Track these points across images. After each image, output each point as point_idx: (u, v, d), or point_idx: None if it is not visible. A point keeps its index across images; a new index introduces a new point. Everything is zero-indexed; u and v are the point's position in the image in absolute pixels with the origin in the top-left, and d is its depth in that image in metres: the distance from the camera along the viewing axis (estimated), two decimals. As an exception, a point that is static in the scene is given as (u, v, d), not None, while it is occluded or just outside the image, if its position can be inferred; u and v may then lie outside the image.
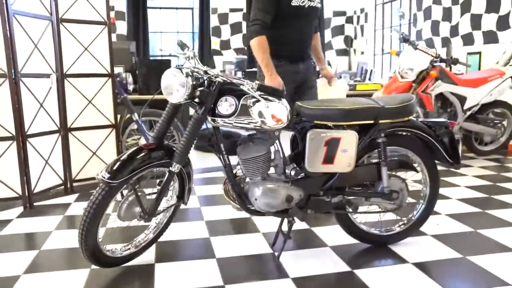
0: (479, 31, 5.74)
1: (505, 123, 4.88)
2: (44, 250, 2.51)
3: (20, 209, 3.23)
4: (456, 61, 4.49)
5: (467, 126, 4.68)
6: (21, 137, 3.18)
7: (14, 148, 3.17)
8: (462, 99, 4.54)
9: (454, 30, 6.24)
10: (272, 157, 2.25)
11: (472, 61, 5.80)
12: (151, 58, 8.88)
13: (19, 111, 3.15)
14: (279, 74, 2.78)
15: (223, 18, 9.19)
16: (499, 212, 3.03)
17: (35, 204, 3.32)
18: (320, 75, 3.36)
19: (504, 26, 5.36)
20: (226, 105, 2.09)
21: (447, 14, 6.39)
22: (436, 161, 2.49)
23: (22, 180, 3.22)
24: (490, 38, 5.57)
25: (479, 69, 5.64)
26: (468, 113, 4.66)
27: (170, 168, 2.11)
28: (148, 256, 2.38)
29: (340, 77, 6.90)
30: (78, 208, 3.24)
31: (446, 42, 6.26)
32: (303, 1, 2.79)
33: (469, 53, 5.88)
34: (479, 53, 5.73)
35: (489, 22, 5.57)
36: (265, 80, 2.77)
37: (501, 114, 4.88)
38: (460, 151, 3.87)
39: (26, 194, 3.24)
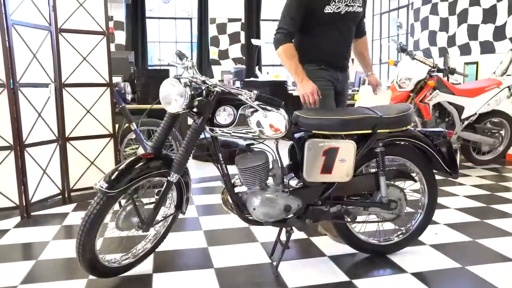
0: (476, 41, 5.78)
1: (502, 132, 4.89)
2: (41, 260, 2.50)
3: (17, 219, 3.21)
4: (453, 71, 4.51)
5: (465, 135, 4.70)
6: (19, 146, 3.17)
7: (12, 158, 3.16)
8: (459, 109, 4.56)
9: (451, 40, 6.28)
10: (270, 166, 2.25)
11: (469, 71, 5.83)
12: (149, 68, 8.91)
13: (17, 120, 3.15)
14: (321, 77, 2.68)
15: (222, 28, 9.23)
16: (497, 222, 3.03)
17: (32, 214, 3.31)
18: (366, 82, 3.26)
19: (500, 36, 5.39)
20: (224, 115, 2.09)
21: (444, 25, 6.43)
22: (434, 171, 2.49)
23: (19, 190, 3.20)
24: (487, 48, 5.61)
25: (476, 79, 5.67)
26: (466, 122, 4.67)
27: (168, 178, 2.11)
28: (146, 266, 2.37)
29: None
30: (75, 218, 3.23)
31: (443, 52, 6.29)
32: (339, 7, 2.62)
33: (466, 63, 5.91)
34: (476, 63, 5.76)
35: (486, 32, 5.61)
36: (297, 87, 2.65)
37: (498, 123, 4.90)
38: (458, 161, 3.87)
39: (24, 204, 3.23)
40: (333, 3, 2.60)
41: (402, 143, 2.42)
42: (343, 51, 2.80)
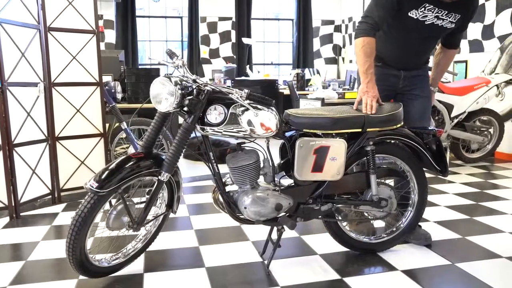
0: (465, 40, 5.82)
1: (491, 130, 4.94)
2: (30, 260, 2.48)
3: (6, 219, 3.19)
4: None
5: (454, 133, 4.74)
6: (7, 146, 3.14)
7: (0, 158, 3.13)
8: (449, 107, 4.60)
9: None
10: (262, 165, 2.25)
11: (458, 69, 5.88)
12: (140, 66, 8.86)
13: (6, 120, 3.12)
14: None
15: (212, 27, 9.21)
16: (486, 219, 3.06)
17: (21, 214, 3.28)
18: None
19: (489, 35, 5.44)
20: (215, 113, 2.09)
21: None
22: (424, 169, 2.51)
23: (8, 190, 3.17)
24: (476, 47, 5.66)
25: (466, 77, 5.72)
26: (455, 120, 4.71)
27: (159, 177, 2.10)
28: (137, 266, 2.36)
29: (329, 85, 6.94)
30: (65, 218, 3.21)
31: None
32: (425, 16, 2.36)
33: (455, 62, 5.96)
34: (466, 61, 5.80)
35: (475, 31, 5.66)
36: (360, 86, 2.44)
37: (487, 121, 4.94)
38: (447, 159, 3.90)
39: (13, 204, 3.20)
40: (422, 10, 2.36)
41: (392, 141, 2.44)
42: (407, 60, 2.58)
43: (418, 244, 2.63)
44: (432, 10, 2.36)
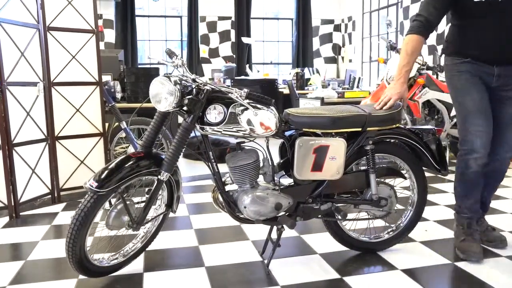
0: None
1: (490, 129, 4.93)
2: (30, 260, 2.48)
3: (6, 219, 3.18)
4: (442, 69, 4.54)
5: (454, 132, 4.73)
6: (7, 146, 3.14)
7: (0, 157, 3.13)
8: (449, 106, 4.60)
9: (440, 38, 6.32)
10: (261, 164, 2.25)
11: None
12: (139, 66, 8.85)
13: (5, 120, 3.11)
14: (464, 70, 2.35)
15: (212, 26, 9.21)
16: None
17: (21, 214, 3.28)
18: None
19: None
20: (214, 113, 2.09)
21: (433, 23, 6.46)
22: (424, 168, 2.51)
23: (8, 190, 3.17)
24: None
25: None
26: (455, 120, 4.71)
27: (159, 177, 2.10)
28: (137, 265, 2.36)
29: (329, 85, 6.94)
30: (65, 217, 3.21)
31: (432, 50, 6.34)
32: None
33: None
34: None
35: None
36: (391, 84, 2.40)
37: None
38: (447, 158, 3.90)
39: (12, 204, 3.20)
40: None
41: (392, 140, 2.44)
42: (500, 44, 2.29)
43: (493, 247, 2.53)
44: None
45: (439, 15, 2.32)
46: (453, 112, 4.63)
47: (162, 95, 2.03)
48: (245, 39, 8.68)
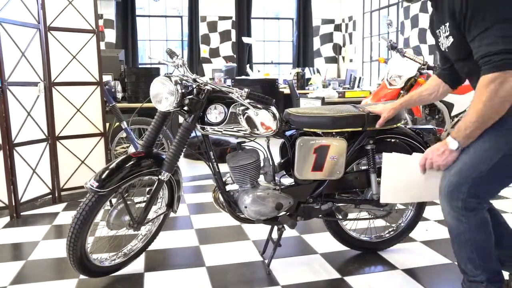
0: (465, 39, 5.80)
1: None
2: (31, 260, 2.48)
3: (7, 219, 3.19)
4: (443, 69, 4.54)
5: (454, 132, 4.73)
6: (7, 145, 3.14)
7: (0, 157, 3.13)
8: (449, 106, 4.59)
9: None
10: (262, 164, 2.25)
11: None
12: (140, 66, 8.86)
13: (6, 119, 3.12)
14: None
15: (212, 26, 9.22)
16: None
17: (22, 214, 3.28)
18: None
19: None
20: (215, 113, 2.09)
21: (433, 22, 6.45)
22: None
23: (8, 190, 3.17)
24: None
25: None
26: (456, 119, 4.70)
27: (159, 176, 2.10)
28: (138, 265, 2.36)
29: (329, 84, 6.94)
30: (66, 217, 3.21)
31: (433, 50, 6.33)
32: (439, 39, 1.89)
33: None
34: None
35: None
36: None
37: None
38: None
39: (13, 204, 3.20)
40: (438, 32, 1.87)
41: (392, 140, 2.43)
42: None
43: None
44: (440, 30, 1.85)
45: (442, 61, 2.10)
46: (454, 112, 4.63)
47: (163, 95, 2.03)
48: (245, 39, 8.68)
